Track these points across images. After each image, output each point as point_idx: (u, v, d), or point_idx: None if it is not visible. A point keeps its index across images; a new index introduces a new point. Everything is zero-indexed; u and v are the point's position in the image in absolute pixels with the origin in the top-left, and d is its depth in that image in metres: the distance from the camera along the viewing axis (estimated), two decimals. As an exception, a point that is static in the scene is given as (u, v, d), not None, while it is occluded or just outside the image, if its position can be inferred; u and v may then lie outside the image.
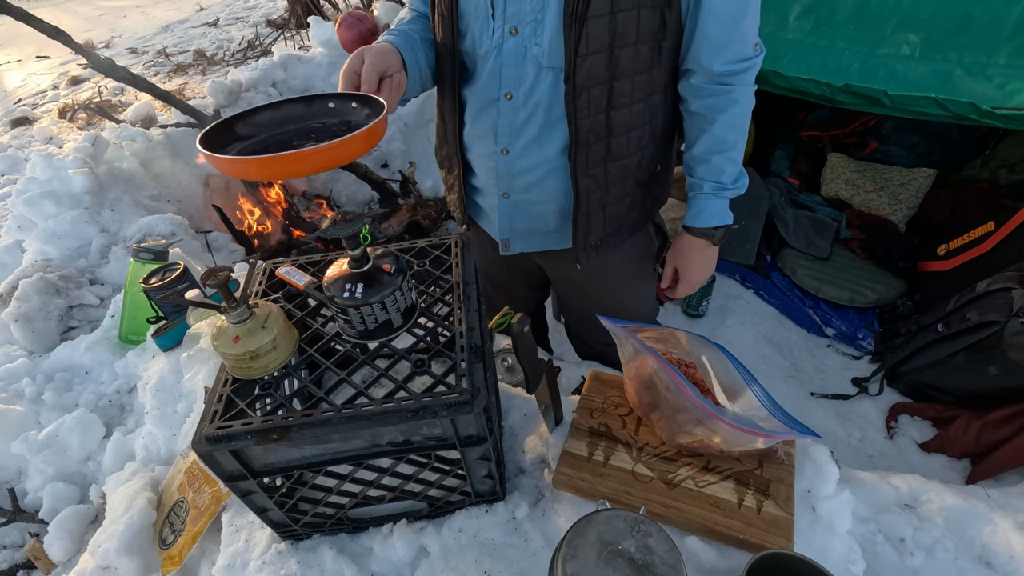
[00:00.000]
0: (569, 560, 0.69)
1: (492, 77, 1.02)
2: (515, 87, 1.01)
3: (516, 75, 1.00)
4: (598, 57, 0.94)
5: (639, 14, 0.92)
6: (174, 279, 1.49)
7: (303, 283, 0.88)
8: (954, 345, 1.78)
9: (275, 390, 0.79)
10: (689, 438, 0.91)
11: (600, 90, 0.98)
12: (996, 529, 0.93)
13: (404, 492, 0.87)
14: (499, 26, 0.97)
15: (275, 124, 0.83)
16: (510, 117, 1.04)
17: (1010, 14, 1.51)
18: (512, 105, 1.03)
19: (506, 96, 1.02)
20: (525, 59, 0.98)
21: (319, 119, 0.85)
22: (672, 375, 0.84)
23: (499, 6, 0.96)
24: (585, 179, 1.07)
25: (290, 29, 5.51)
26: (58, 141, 4.29)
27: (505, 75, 1.01)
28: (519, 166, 1.10)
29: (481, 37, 1.00)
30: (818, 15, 1.83)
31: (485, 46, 1.00)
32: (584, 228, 1.14)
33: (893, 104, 1.59)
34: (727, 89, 1.02)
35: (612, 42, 0.93)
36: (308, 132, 0.84)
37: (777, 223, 2.51)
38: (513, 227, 1.21)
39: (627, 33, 0.93)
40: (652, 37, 0.95)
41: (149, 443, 1.36)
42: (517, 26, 0.96)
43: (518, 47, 0.97)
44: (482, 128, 1.09)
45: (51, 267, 2.09)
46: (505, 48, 0.98)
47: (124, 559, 1.08)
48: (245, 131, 0.81)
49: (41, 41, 3.91)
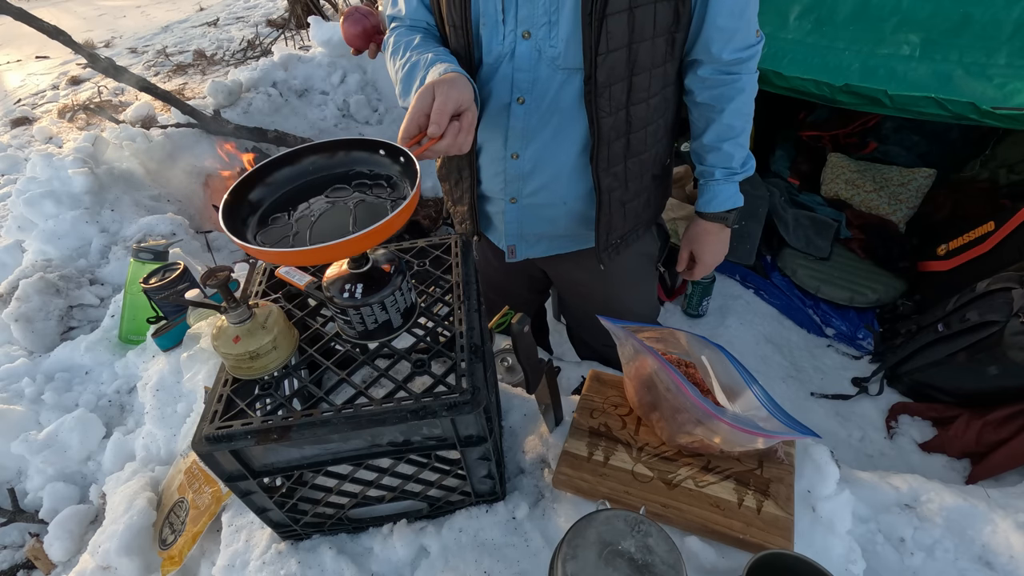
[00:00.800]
0: (569, 560, 0.69)
1: (503, 82, 1.01)
2: (528, 91, 1.00)
3: (529, 79, 0.99)
4: (619, 54, 0.94)
5: (655, 8, 0.92)
6: (174, 279, 1.49)
7: (303, 283, 0.88)
8: (954, 345, 1.78)
9: (275, 390, 0.79)
10: (689, 438, 0.91)
11: (620, 87, 0.98)
12: (996, 529, 0.93)
13: (404, 492, 0.87)
14: (510, 31, 0.96)
15: (293, 178, 0.78)
16: (522, 121, 1.03)
17: (1010, 14, 1.51)
18: (524, 109, 1.02)
19: (518, 100, 1.01)
20: (539, 62, 0.97)
21: (341, 168, 0.79)
22: (672, 375, 0.84)
23: (510, 10, 0.94)
24: (607, 177, 1.07)
25: (290, 29, 5.50)
26: (58, 141, 4.29)
27: (518, 79, 0.99)
28: (529, 170, 1.09)
29: (491, 43, 0.98)
30: (818, 15, 1.83)
31: (495, 52, 0.98)
32: (606, 227, 1.14)
33: (893, 104, 1.60)
34: (734, 78, 1.03)
35: (631, 38, 0.93)
36: (332, 181, 0.78)
37: (777, 223, 2.51)
38: (521, 232, 1.21)
39: (645, 28, 0.93)
40: (667, 30, 0.96)
41: (149, 443, 1.36)
42: (530, 29, 0.95)
43: (531, 50, 0.96)
44: (491, 134, 1.08)
45: (51, 267, 2.09)
46: (518, 52, 0.97)
47: (124, 559, 1.08)
48: (265, 192, 0.76)
49: (41, 41, 3.90)
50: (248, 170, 0.77)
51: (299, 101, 3.39)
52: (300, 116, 3.35)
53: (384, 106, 3.50)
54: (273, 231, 0.72)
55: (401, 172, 0.76)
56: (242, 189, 0.74)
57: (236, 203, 0.72)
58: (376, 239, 0.64)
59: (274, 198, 0.77)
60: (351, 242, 0.62)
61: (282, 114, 3.29)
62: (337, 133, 3.38)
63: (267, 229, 0.72)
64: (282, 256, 0.67)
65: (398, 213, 0.65)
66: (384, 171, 0.78)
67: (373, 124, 3.46)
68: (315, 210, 0.74)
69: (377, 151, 0.77)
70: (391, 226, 0.65)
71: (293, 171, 0.79)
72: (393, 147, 0.76)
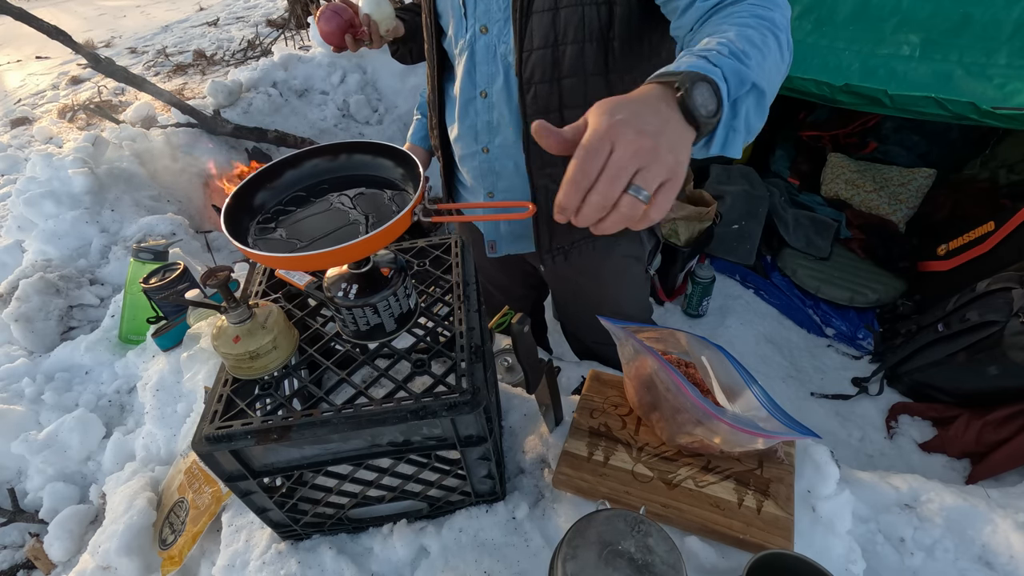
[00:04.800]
0: (569, 560, 0.69)
1: (468, 75, 1.03)
2: (488, 85, 1.01)
3: (488, 73, 1.00)
4: (542, 53, 0.93)
5: (582, 10, 0.89)
6: (174, 279, 1.49)
7: (303, 283, 0.88)
8: (954, 345, 1.78)
9: (275, 390, 0.79)
10: (689, 438, 0.91)
11: (548, 88, 0.96)
12: (996, 529, 0.93)
13: (404, 492, 0.87)
14: (471, 24, 0.98)
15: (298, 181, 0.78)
16: (486, 115, 1.05)
17: (1010, 14, 1.51)
18: (487, 103, 1.03)
19: (481, 94, 1.03)
20: (495, 57, 0.98)
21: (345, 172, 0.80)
22: (672, 375, 0.84)
23: (470, 5, 0.96)
24: (542, 177, 1.05)
25: (290, 29, 5.50)
26: (58, 141, 4.29)
27: (479, 73, 1.01)
28: (499, 166, 1.10)
29: (457, 36, 1.01)
30: (818, 15, 1.83)
31: (460, 44, 1.01)
32: (547, 231, 1.13)
33: (893, 104, 1.60)
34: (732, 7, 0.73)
35: (556, 39, 0.92)
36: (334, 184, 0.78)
37: (777, 223, 2.51)
38: (498, 228, 1.21)
39: (568, 30, 0.91)
40: (598, 35, 0.91)
41: (149, 443, 1.36)
42: (487, 24, 0.96)
43: (488, 45, 0.98)
44: (464, 126, 1.09)
45: (51, 267, 2.09)
46: (477, 47, 0.99)
47: (124, 559, 1.08)
48: (267, 196, 0.77)
49: (41, 41, 3.91)
50: (248, 175, 0.77)
51: (299, 101, 3.39)
52: (300, 116, 3.35)
53: (384, 106, 3.50)
54: (274, 235, 0.72)
55: (404, 176, 0.77)
56: (244, 192, 0.74)
57: (238, 206, 0.72)
58: (377, 244, 0.65)
59: (276, 201, 0.77)
60: (351, 248, 0.63)
61: (282, 114, 3.29)
62: (337, 133, 3.38)
63: (268, 233, 0.72)
64: (281, 261, 0.67)
65: (399, 219, 0.65)
66: (387, 175, 0.78)
67: (373, 124, 3.46)
68: (316, 214, 0.74)
69: (379, 154, 0.78)
70: (392, 232, 0.65)
71: (295, 175, 0.79)
72: (396, 150, 0.76)
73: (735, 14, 0.71)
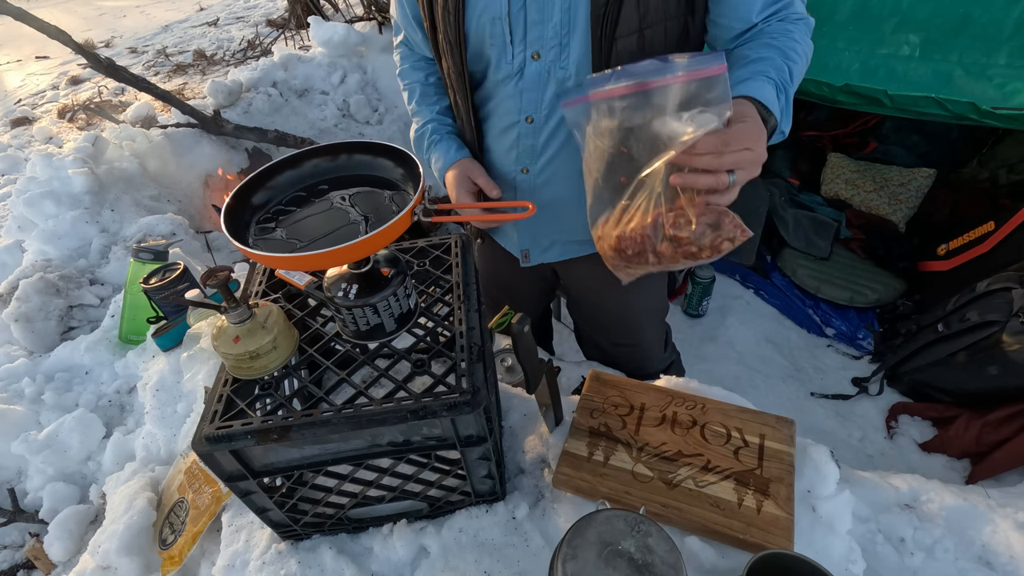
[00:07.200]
0: (569, 560, 0.69)
1: (512, 101, 1.02)
2: (535, 111, 1.01)
3: (537, 98, 1.00)
4: None
5: (665, 27, 0.91)
6: (174, 279, 1.49)
7: (303, 283, 0.88)
8: (954, 345, 1.78)
9: (275, 390, 0.79)
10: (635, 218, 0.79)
11: None
12: (996, 529, 0.93)
13: (404, 492, 0.87)
14: (519, 52, 0.96)
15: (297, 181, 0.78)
16: (531, 139, 1.05)
17: (1010, 14, 1.51)
18: (533, 128, 1.04)
19: (527, 120, 1.03)
20: (548, 83, 0.98)
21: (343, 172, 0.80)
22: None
23: (518, 32, 0.94)
24: None
25: (290, 29, 5.50)
26: (58, 141, 4.29)
27: (526, 99, 1.01)
28: (542, 182, 1.10)
29: (499, 63, 0.99)
30: (818, 15, 1.81)
31: (504, 71, 0.99)
32: None
33: (893, 104, 1.59)
34: (779, 27, 0.90)
35: (641, 58, 0.93)
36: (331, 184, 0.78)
37: (777, 223, 2.51)
38: (535, 238, 1.22)
39: (655, 48, 0.92)
40: (676, 47, 0.95)
41: (149, 443, 1.36)
42: (539, 51, 0.95)
43: (540, 71, 0.97)
44: (501, 150, 1.10)
45: (51, 267, 2.09)
46: (527, 73, 0.98)
47: (124, 559, 1.08)
48: (266, 195, 0.77)
49: (41, 41, 3.91)
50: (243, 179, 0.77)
51: (299, 101, 3.39)
52: (300, 116, 3.35)
53: (384, 106, 3.50)
54: (274, 235, 0.72)
55: (404, 176, 0.76)
56: (244, 192, 0.74)
57: (238, 206, 0.72)
58: (377, 244, 0.65)
59: (276, 201, 0.77)
60: (351, 248, 0.63)
61: (282, 114, 3.29)
62: (337, 133, 3.38)
63: (268, 233, 0.72)
64: (281, 261, 0.67)
65: (399, 219, 0.65)
66: (386, 175, 0.78)
67: (373, 124, 3.46)
68: (316, 214, 0.74)
69: (379, 154, 0.78)
70: (392, 232, 0.65)
71: (295, 174, 0.79)
72: (396, 150, 0.76)
73: (792, 50, 0.90)
